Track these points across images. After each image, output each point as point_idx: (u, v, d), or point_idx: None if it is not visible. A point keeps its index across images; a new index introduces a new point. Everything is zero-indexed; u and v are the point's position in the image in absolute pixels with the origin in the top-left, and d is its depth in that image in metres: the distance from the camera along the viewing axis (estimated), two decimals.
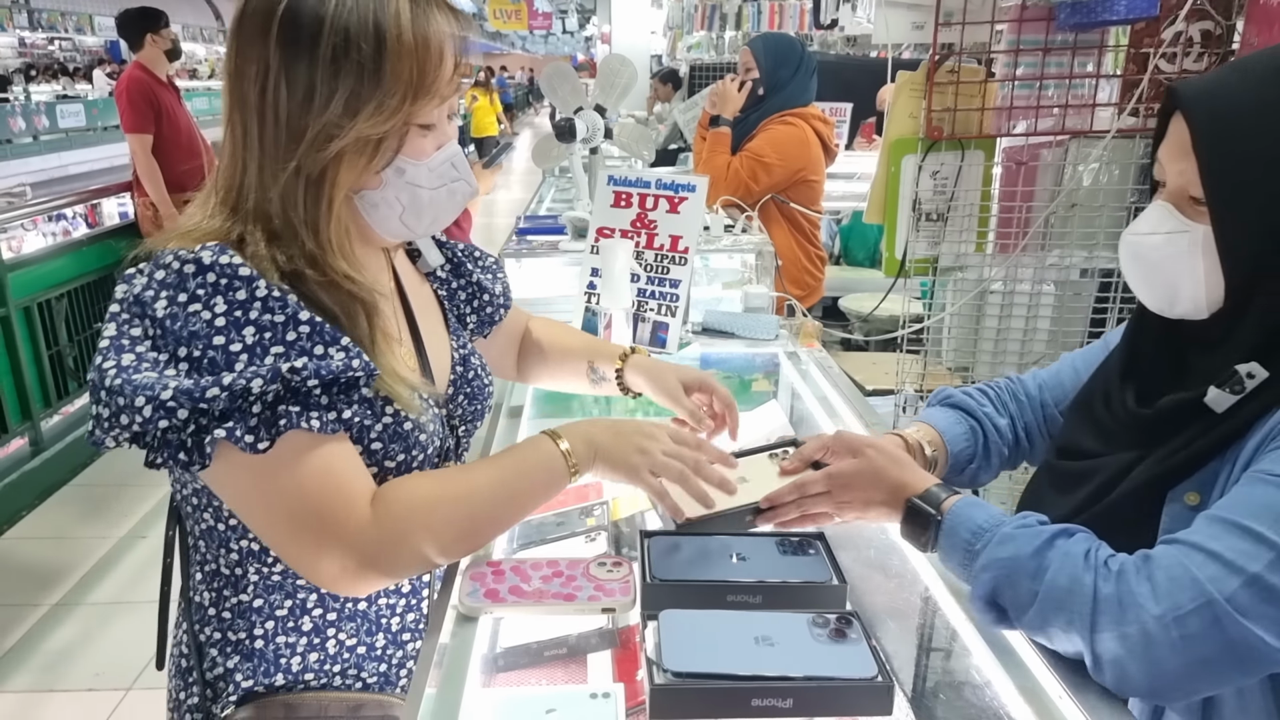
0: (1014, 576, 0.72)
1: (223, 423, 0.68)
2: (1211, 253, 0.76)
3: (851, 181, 3.96)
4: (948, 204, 1.93)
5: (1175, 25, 1.64)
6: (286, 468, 0.72)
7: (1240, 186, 0.74)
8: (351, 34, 0.72)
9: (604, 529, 1.20)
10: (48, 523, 3.04)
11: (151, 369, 0.69)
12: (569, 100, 2.18)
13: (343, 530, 0.73)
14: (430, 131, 0.80)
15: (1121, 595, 0.67)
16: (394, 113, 0.75)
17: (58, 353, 3.42)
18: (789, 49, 2.72)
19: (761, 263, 2.18)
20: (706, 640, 0.71)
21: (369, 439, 0.79)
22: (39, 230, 6.43)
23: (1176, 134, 0.78)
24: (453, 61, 0.78)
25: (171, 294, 0.71)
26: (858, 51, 7.09)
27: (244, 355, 0.70)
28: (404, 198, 0.81)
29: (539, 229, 2.39)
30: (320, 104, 0.73)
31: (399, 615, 0.92)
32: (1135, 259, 0.83)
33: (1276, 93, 0.73)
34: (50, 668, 2.27)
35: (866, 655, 0.70)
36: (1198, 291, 0.78)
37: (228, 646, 0.86)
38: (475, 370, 0.99)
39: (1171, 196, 0.79)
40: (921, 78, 1.87)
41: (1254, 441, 0.75)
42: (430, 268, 1.01)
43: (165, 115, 3.63)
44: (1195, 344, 0.82)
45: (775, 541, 0.87)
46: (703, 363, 1.62)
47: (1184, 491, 0.78)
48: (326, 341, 0.74)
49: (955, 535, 0.77)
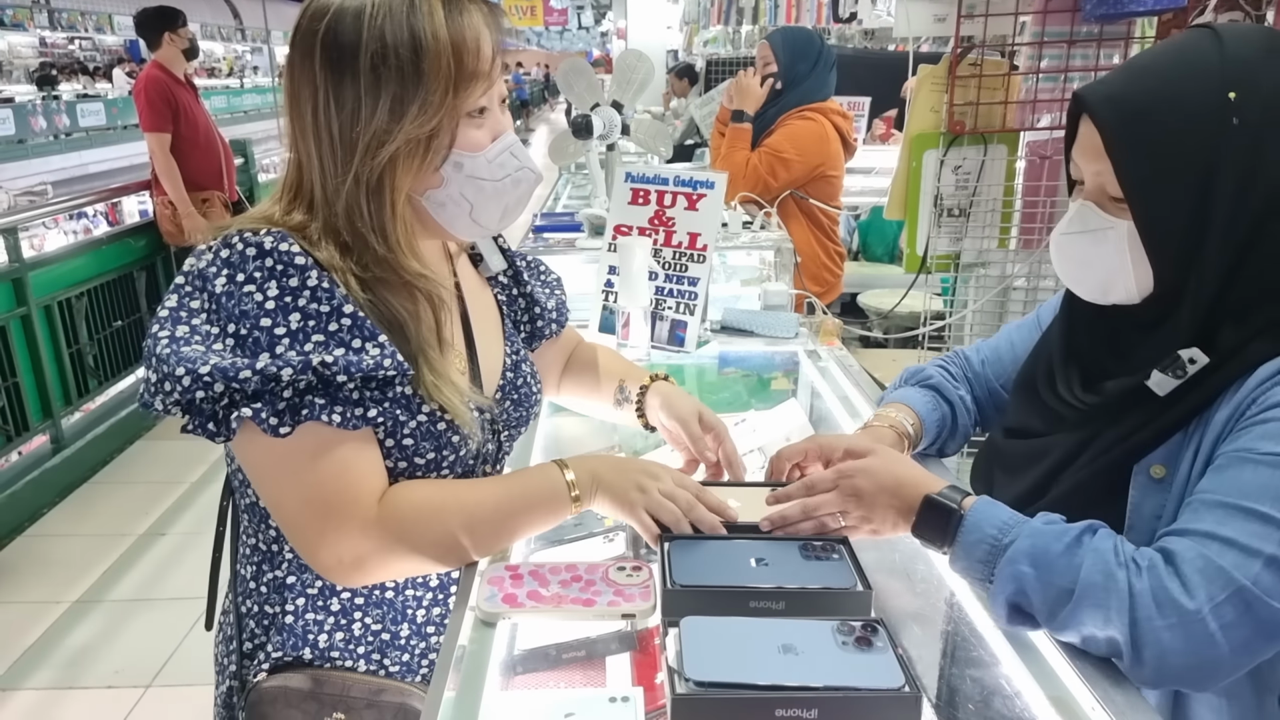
0: (1046, 574, 0.72)
1: (252, 402, 0.72)
2: (1137, 245, 0.79)
3: (870, 176, 3.92)
4: (970, 199, 1.90)
5: (1204, 16, 1.60)
6: (302, 455, 0.76)
7: (1154, 181, 0.76)
8: (388, 42, 0.75)
9: (622, 529, 1.19)
10: (68, 520, 3.07)
11: (201, 342, 0.74)
12: (585, 97, 2.16)
13: (345, 525, 0.77)
14: (483, 121, 0.82)
15: (1155, 590, 0.69)
16: (438, 108, 0.77)
17: (78, 351, 3.45)
18: (807, 43, 2.70)
19: (780, 259, 2.16)
20: (729, 648, 0.69)
21: (401, 434, 0.81)
22: (60, 229, 6.51)
23: (1088, 136, 0.81)
24: (489, 48, 0.79)
25: (231, 273, 0.75)
26: (875, 45, 7.02)
27: (286, 339, 0.74)
28: (469, 193, 0.82)
29: (556, 226, 2.38)
30: (367, 114, 0.77)
31: (425, 608, 0.94)
32: (1065, 258, 0.86)
33: (1173, 89, 0.76)
34: (70, 665, 2.29)
35: (893, 664, 0.68)
36: (1129, 282, 0.81)
37: (265, 619, 0.90)
38: (525, 378, 1.00)
39: (1091, 195, 0.82)
40: (943, 71, 1.85)
41: (1223, 414, 0.77)
42: (491, 272, 1.03)
43: (183, 114, 3.66)
44: (1132, 327, 0.84)
45: (798, 546, 0.85)
46: (721, 361, 1.60)
47: (1150, 464, 0.81)
48: (365, 336, 0.77)
49: (979, 531, 0.76)
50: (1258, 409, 0.75)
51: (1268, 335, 0.77)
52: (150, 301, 3.94)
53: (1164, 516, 0.81)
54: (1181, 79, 0.76)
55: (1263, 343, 0.77)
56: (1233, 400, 0.77)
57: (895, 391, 1.14)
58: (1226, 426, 0.76)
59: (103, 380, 3.61)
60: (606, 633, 0.91)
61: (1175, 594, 0.68)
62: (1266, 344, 0.77)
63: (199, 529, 2.89)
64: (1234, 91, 0.74)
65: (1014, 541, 0.74)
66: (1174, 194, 0.76)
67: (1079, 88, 0.83)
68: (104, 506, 3.16)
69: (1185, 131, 0.75)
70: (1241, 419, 0.75)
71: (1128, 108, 0.77)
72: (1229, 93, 0.74)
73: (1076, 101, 0.82)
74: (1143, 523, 0.82)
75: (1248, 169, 0.74)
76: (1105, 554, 0.71)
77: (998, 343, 1.12)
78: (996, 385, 1.10)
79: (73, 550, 2.85)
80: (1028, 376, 0.97)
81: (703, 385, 1.63)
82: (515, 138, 0.85)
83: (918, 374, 1.14)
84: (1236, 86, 0.74)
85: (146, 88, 3.62)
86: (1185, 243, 0.77)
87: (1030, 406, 0.95)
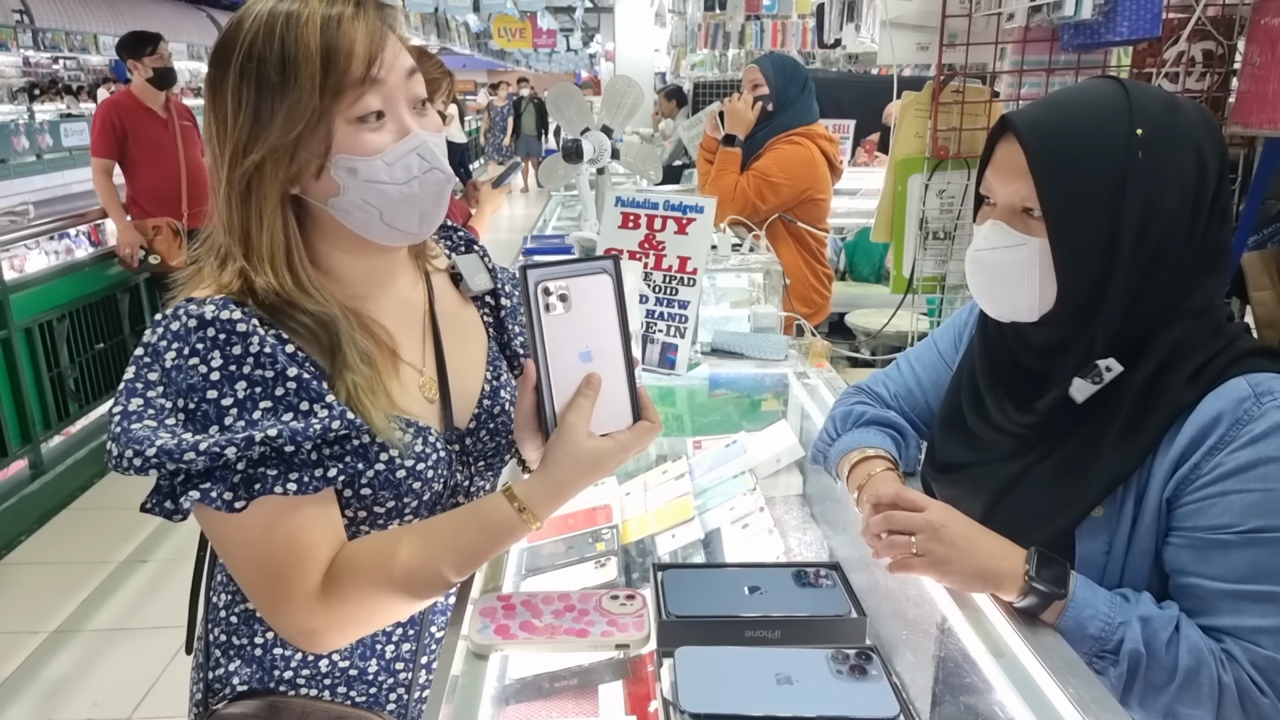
0: (1148, 670, 0.78)
1: (202, 482, 0.72)
2: (1048, 261, 0.85)
3: (856, 198, 3.96)
4: (954, 222, 1.92)
5: (1177, 46, 1.64)
6: (255, 528, 0.75)
7: (1070, 199, 0.83)
8: (256, 50, 0.74)
9: (614, 554, 1.19)
10: (47, 547, 3.01)
11: (154, 418, 0.74)
12: (575, 121, 2.18)
13: (291, 598, 0.77)
14: (381, 125, 0.78)
15: (1239, 684, 0.77)
16: (305, 115, 0.74)
17: (59, 374, 3.41)
18: (796, 68, 2.76)
19: (769, 281, 2.17)
20: (724, 679, 0.69)
21: (359, 484, 0.80)
22: (42, 249, 6.44)
23: (1009, 156, 0.87)
24: (366, 50, 0.75)
25: (180, 346, 0.75)
26: (859, 69, 7.13)
27: (234, 409, 0.74)
28: (372, 198, 0.78)
29: (546, 249, 2.39)
30: (234, 123, 0.76)
31: (395, 644, 0.92)
32: (979, 272, 0.91)
33: (1090, 120, 0.84)
34: (49, 697, 2.24)
35: (888, 693, 0.69)
36: (1032, 298, 0.86)
37: (230, 649, 0.90)
38: (503, 406, 0.95)
39: (1002, 214, 0.88)
40: (926, 98, 1.87)
41: (1163, 468, 0.82)
42: (473, 292, 0.98)
43: (137, 140, 3.63)
44: (1047, 350, 0.90)
45: (791, 572, 0.85)
46: (712, 383, 1.61)
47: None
48: (312, 398, 0.76)
49: (1082, 632, 0.79)
50: (1211, 476, 0.79)
51: (1177, 362, 0.83)
52: (134, 324, 3.89)
53: (1112, 554, 0.85)
54: (1097, 111, 0.84)
55: (1176, 375, 0.82)
56: (1171, 450, 0.82)
57: (852, 436, 1.10)
58: (1179, 491, 0.81)
59: (83, 404, 3.57)
60: (599, 661, 0.90)
61: (1246, 686, 0.76)
62: (1182, 382, 0.82)
63: (181, 556, 2.85)
64: (1140, 128, 0.81)
65: (1121, 643, 0.79)
66: (1088, 211, 0.82)
67: (1006, 112, 0.90)
68: (84, 533, 3.10)
69: (1099, 156, 0.82)
70: (1193, 485, 0.80)
71: (1050, 131, 0.84)
72: (1136, 129, 0.81)
73: (1002, 124, 0.88)
74: (1089, 559, 0.86)
75: (1150, 198, 0.81)
76: (1199, 648, 0.77)
77: (905, 379, 1.15)
78: (913, 416, 1.13)
79: (51, 578, 2.80)
80: (953, 410, 1.01)
81: (693, 407, 1.63)
82: (427, 139, 0.80)
83: (867, 417, 1.12)
84: (1142, 124, 0.82)
85: (99, 112, 3.67)
86: (1095, 259, 0.83)
87: (958, 440, 0.99)
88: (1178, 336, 0.83)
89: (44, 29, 16.07)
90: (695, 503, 1.34)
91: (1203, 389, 0.82)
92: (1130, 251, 0.82)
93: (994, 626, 0.84)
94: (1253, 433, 0.78)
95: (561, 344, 0.76)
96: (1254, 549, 0.77)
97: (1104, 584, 0.84)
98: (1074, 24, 1.62)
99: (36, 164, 11.66)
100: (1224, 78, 1.64)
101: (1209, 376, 0.82)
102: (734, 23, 6.58)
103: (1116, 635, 0.78)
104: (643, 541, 1.29)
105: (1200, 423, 0.81)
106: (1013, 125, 0.86)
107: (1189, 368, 0.82)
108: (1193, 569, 0.81)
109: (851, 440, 1.08)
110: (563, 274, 0.75)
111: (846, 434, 1.11)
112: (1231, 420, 0.79)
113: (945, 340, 1.13)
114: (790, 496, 1.50)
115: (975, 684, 0.82)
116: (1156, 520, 0.83)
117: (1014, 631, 0.81)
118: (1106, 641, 0.79)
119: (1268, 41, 1.49)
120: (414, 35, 12.83)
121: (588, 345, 0.76)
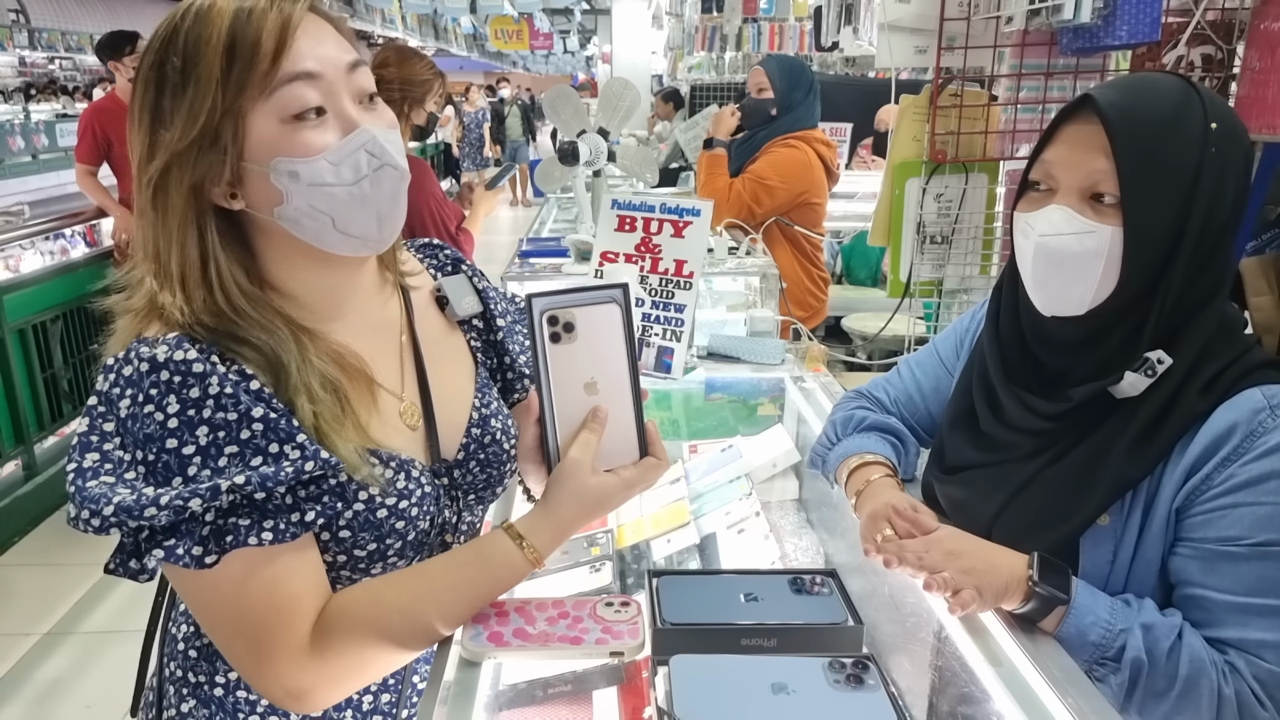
0: (1149, 678, 0.78)
1: (166, 539, 0.66)
2: (1115, 253, 0.81)
3: (852, 201, 3.97)
4: (952, 226, 1.92)
5: (1177, 50, 1.64)
6: (229, 583, 0.69)
7: (1149, 182, 0.80)
8: (162, 48, 0.70)
9: (609, 558, 1.18)
10: (40, 549, 2.99)
11: (112, 472, 0.68)
12: (571, 123, 2.18)
13: (276, 656, 0.70)
14: (319, 123, 0.71)
15: (1241, 696, 0.77)
16: (205, 113, 0.68)
17: (52, 375, 3.39)
18: (801, 71, 2.77)
19: (766, 285, 2.17)
20: (720, 688, 0.68)
21: (337, 527, 0.74)
22: (37, 249, 6.41)
23: (1087, 136, 0.82)
24: (275, 40, 0.69)
25: (134, 393, 0.69)
26: (856, 72, 7.14)
27: (197, 458, 0.67)
28: (320, 203, 0.71)
29: (542, 251, 2.38)
30: (138, 128, 0.71)
31: (372, 694, 0.86)
32: (1043, 259, 0.85)
33: (1172, 107, 0.81)
34: (41, 699, 2.22)
35: (884, 703, 0.68)
36: (1088, 290, 0.83)
37: (185, 687, 0.83)
38: (494, 435, 0.88)
39: (1069, 198, 0.83)
40: (924, 101, 1.87)
41: (1174, 477, 0.81)
42: (459, 316, 0.91)
43: (121, 144, 3.63)
44: (1074, 345, 0.87)
45: (787, 580, 0.85)
46: (708, 387, 1.60)
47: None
48: (281, 439, 0.69)
49: (1083, 639, 0.79)
50: (1223, 488, 0.79)
51: (1199, 364, 0.82)
52: None
53: (1117, 562, 0.84)
54: (1177, 101, 0.81)
55: (1191, 383, 0.81)
56: (1183, 460, 0.81)
57: (852, 441, 1.09)
58: (1190, 500, 0.80)
59: (77, 405, 3.55)
60: (593, 667, 0.89)
61: (1246, 698, 0.76)
62: (1196, 390, 0.81)
63: None
64: (1214, 123, 0.80)
65: (1123, 649, 0.78)
66: (1164, 201, 0.80)
67: (1089, 89, 0.86)
68: (77, 535, 2.99)
69: (1181, 145, 0.80)
70: (1203, 495, 0.80)
71: (1135, 114, 0.81)
72: (1211, 123, 0.80)
73: (1080, 102, 0.84)
74: (1094, 568, 0.85)
75: (1215, 195, 0.80)
76: (1200, 659, 0.77)
77: (904, 385, 1.13)
78: (913, 422, 1.12)
79: (44, 580, 2.78)
80: (962, 412, 0.99)
81: (689, 411, 1.63)
82: (375, 133, 0.72)
83: (870, 422, 1.11)
84: (1215, 119, 0.81)
85: (83, 119, 3.68)
86: (1160, 252, 0.81)
87: (975, 441, 0.96)
88: (1206, 335, 0.82)
89: (40, 29, 16.03)
90: (691, 507, 1.33)
91: (1216, 399, 0.81)
92: (1192, 248, 0.80)
93: (992, 635, 0.83)
94: (1266, 445, 0.78)
95: (567, 375, 0.73)
96: (1263, 562, 0.77)
97: (1108, 593, 0.83)
98: (1073, 28, 1.61)
99: (32, 164, 11.63)
100: (1223, 82, 1.64)
101: (1223, 386, 0.81)
102: (731, 25, 6.59)
103: (1118, 642, 0.78)
104: (638, 546, 1.28)
105: (1214, 433, 0.80)
106: (1096, 104, 0.82)
107: (1204, 375, 0.81)
108: (1200, 580, 0.80)
109: (851, 445, 1.07)
110: (569, 302, 0.72)
111: (846, 439, 1.10)
112: (1246, 432, 0.79)
113: (946, 346, 1.11)
114: (786, 501, 1.50)
115: (973, 693, 0.81)
116: (1164, 530, 0.82)
117: (1012, 640, 0.80)
118: (1108, 648, 0.78)
119: (1267, 46, 1.48)
120: (410, 36, 12.83)
121: (594, 376, 0.74)
